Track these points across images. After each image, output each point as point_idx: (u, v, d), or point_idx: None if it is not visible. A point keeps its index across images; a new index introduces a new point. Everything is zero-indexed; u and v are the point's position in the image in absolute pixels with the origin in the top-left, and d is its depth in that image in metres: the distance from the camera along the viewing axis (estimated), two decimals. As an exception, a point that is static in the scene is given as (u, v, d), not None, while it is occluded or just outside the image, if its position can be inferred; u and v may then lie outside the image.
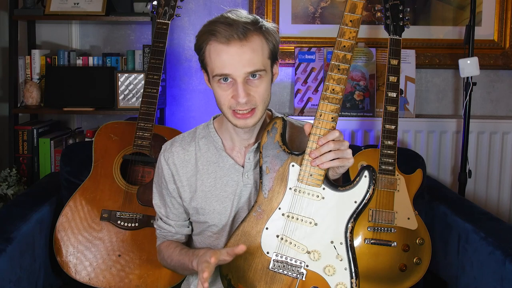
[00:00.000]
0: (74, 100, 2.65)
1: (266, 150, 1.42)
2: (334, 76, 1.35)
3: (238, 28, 1.34)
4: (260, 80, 1.39)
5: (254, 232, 1.41)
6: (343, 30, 1.34)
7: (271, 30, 1.42)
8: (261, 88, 1.40)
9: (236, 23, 1.35)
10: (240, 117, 1.40)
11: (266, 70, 1.40)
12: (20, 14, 2.67)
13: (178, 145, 1.56)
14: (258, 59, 1.37)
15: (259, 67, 1.38)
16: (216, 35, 1.35)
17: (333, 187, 1.35)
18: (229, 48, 1.35)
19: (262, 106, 1.42)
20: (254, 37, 1.37)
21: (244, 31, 1.35)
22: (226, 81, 1.39)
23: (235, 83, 1.38)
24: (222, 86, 1.40)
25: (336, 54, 1.34)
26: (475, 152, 2.74)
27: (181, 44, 2.87)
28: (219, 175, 1.52)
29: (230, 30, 1.34)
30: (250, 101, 1.39)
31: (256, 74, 1.38)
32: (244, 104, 1.38)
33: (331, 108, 1.34)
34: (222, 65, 1.37)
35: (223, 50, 1.36)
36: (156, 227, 1.66)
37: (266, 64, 1.40)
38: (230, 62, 1.36)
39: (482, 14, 2.81)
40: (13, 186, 2.55)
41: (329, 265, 1.35)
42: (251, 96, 1.39)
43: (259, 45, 1.38)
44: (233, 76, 1.37)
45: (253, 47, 1.36)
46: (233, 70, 1.36)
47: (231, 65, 1.36)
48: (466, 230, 1.97)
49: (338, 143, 1.32)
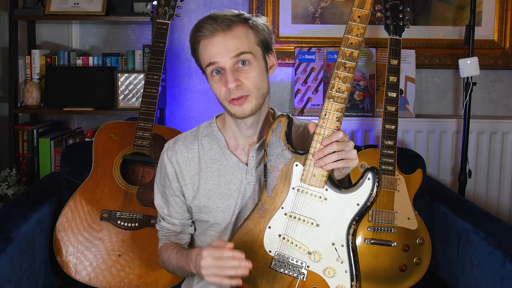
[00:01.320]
0: (74, 100, 2.65)
1: (271, 149, 1.41)
2: (340, 75, 1.32)
3: (222, 21, 1.41)
4: (250, 66, 1.42)
5: (257, 230, 1.40)
6: (351, 26, 1.32)
7: (259, 23, 1.47)
8: (252, 75, 1.42)
9: (220, 17, 1.42)
10: (235, 103, 1.42)
11: (254, 55, 1.42)
12: (20, 14, 2.67)
13: (181, 144, 1.56)
14: (243, 44, 1.41)
15: (244, 49, 1.41)
16: (202, 31, 1.41)
17: (336, 188, 1.34)
18: (213, 40, 1.41)
19: (257, 92, 1.43)
20: (238, 27, 1.42)
21: (227, 22, 1.41)
22: (218, 74, 1.43)
23: (224, 72, 1.41)
24: (215, 78, 1.43)
25: (343, 51, 1.33)
26: (475, 152, 2.74)
27: (181, 44, 2.87)
28: (222, 173, 1.52)
29: (214, 23, 1.40)
30: (242, 87, 1.41)
31: (245, 61, 1.41)
32: (235, 91, 1.40)
33: (336, 108, 1.32)
34: (210, 56, 1.42)
35: (209, 43, 1.41)
36: (159, 228, 1.65)
37: (254, 49, 1.43)
38: (216, 51, 1.41)
39: (482, 14, 2.81)
40: (13, 186, 2.55)
41: (330, 267, 1.34)
42: (242, 83, 1.40)
43: (243, 33, 1.43)
44: (220, 65, 1.41)
45: (236, 34, 1.41)
46: (219, 57, 1.40)
47: (217, 53, 1.41)
48: (466, 230, 1.97)
49: (342, 144, 1.31)
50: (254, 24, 1.45)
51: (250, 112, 1.43)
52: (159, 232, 1.65)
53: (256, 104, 1.43)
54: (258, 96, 1.43)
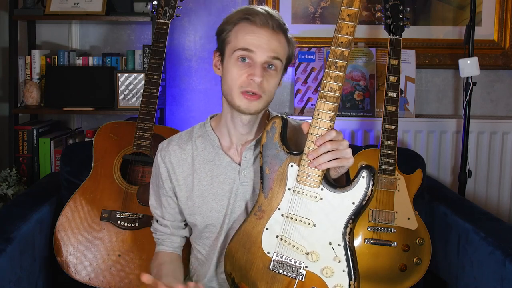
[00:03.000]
0: (74, 100, 2.65)
1: (266, 150, 1.41)
2: (331, 74, 1.33)
3: (275, 21, 1.43)
4: (274, 72, 1.45)
5: (255, 232, 1.41)
6: (340, 25, 1.33)
7: (291, 40, 1.50)
8: (272, 81, 1.44)
9: (274, 16, 1.44)
10: (247, 98, 1.42)
11: (282, 64, 1.46)
12: (20, 14, 2.67)
13: (175, 144, 1.57)
14: (281, 51, 1.44)
15: (280, 56, 1.43)
16: (254, 16, 1.42)
17: (331, 187, 1.34)
18: (260, 30, 1.42)
19: (267, 98, 1.45)
20: (283, 34, 1.45)
21: (279, 25, 1.43)
22: (244, 61, 1.42)
23: (252, 64, 1.42)
24: (239, 65, 1.43)
25: (334, 50, 1.33)
26: (475, 152, 2.74)
27: (181, 44, 2.87)
28: (215, 173, 1.52)
29: (268, 19, 1.42)
30: (261, 86, 1.42)
31: (272, 66, 1.43)
32: (257, 86, 1.41)
33: (329, 107, 1.33)
34: (248, 42, 1.42)
35: (255, 31, 1.42)
36: (153, 230, 1.66)
37: (283, 60, 1.47)
38: (258, 42, 1.41)
39: (482, 14, 2.81)
40: (13, 186, 2.55)
41: (327, 266, 1.34)
42: (263, 82, 1.42)
43: (284, 42, 1.46)
44: (254, 56, 1.41)
45: (280, 40, 1.44)
46: (259, 49, 1.41)
47: (259, 45, 1.41)
48: (466, 230, 1.97)
49: (336, 143, 1.31)
50: (290, 39, 1.49)
51: (254, 111, 1.44)
52: (153, 234, 1.67)
53: (262, 107, 1.46)
54: (267, 101, 1.46)
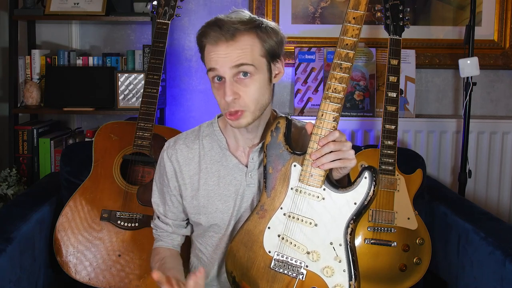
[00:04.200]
0: (74, 100, 2.65)
1: (270, 150, 1.42)
2: (336, 75, 1.34)
3: (228, 30, 1.36)
4: (251, 79, 1.39)
5: (257, 231, 1.41)
6: (346, 27, 1.33)
7: (270, 29, 1.42)
8: (251, 88, 1.39)
9: (226, 25, 1.37)
10: (230, 118, 1.40)
11: (256, 67, 1.39)
12: (20, 14, 2.67)
13: (182, 143, 1.56)
14: (245, 56, 1.37)
15: (246, 61, 1.37)
16: (207, 37, 1.39)
17: (333, 188, 1.35)
18: (216, 47, 1.38)
19: (254, 107, 1.40)
20: (244, 36, 1.38)
21: (232, 31, 1.36)
22: (219, 80, 1.40)
23: (224, 82, 1.39)
24: (216, 85, 1.42)
25: (339, 52, 1.34)
26: (475, 152, 2.74)
27: (181, 44, 2.87)
28: (222, 174, 1.52)
29: (218, 32, 1.37)
30: (239, 101, 1.38)
31: (247, 73, 1.38)
32: (232, 104, 1.38)
33: (333, 108, 1.34)
34: (212, 61, 1.40)
35: (213, 49, 1.39)
36: (153, 226, 1.66)
37: (257, 61, 1.39)
38: (217, 59, 1.38)
39: (482, 14, 2.81)
40: (13, 186, 2.55)
41: (328, 266, 1.35)
42: (240, 96, 1.38)
43: (248, 44, 1.38)
44: (220, 73, 1.39)
45: (240, 46, 1.37)
46: (219, 66, 1.38)
47: (218, 62, 1.38)
48: (466, 230, 1.97)
49: (339, 144, 1.32)
50: (263, 31, 1.40)
51: (245, 124, 1.42)
52: (153, 230, 1.66)
53: (252, 118, 1.42)
54: (255, 110, 1.41)
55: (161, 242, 1.64)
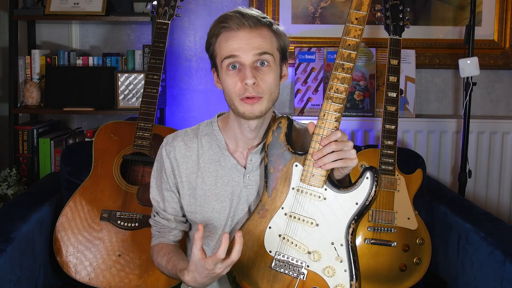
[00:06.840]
0: (74, 100, 2.65)
1: (271, 150, 1.42)
2: (338, 76, 1.34)
3: (250, 18, 1.41)
4: (268, 68, 1.42)
5: (257, 231, 1.41)
6: (348, 28, 1.34)
7: (281, 31, 1.47)
8: (269, 77, 1.41)
9: (247, 15, 1.42)
10: (247, 102, 1.41)
11: (274, 57, 1.43)
12: (20, 14, 2.67)
13: (180, 140, 1.56)
14: (266, 45, 1.41)
15: (267, 50, 1.41)
16: (228, 23, 1.41)
17: (335, 188, 1.35)
18: (238, 33, 1.40)
19: (268, 97, 1.42)
20: (263, 28, 1.43)
21: (254, 21, 1.41)
22: (234, 69, 1.42)
23: (242, 68, 1.40)
24: (230, 73, 1.42)
25: (341, 52, 1.34)
26: (475, 152, 2.75)
27: (181, 44, 2.87)
28: (220, 174, 1.51)
29: (241, 19, 1.40)
30: (257, 87, 1.40)
31: (264, 62, 1.41)
32: (250, 89, 1.39)
33: (335, 108, 1.34)
34: (231, 49, 1.41)
35: (233, 36, 1.41)
36: (152, 223, 1.64)
37: (275, 53, 1.44)
38: (239, 46, 1.40)
39: (482, 14, 2.81)
40: (13, 186, 2.55)
41: (329, 266, 1.35)
42: (258, 83, 1.40)
43: (268, 35, 1.43)
44: (241, 60, 1.40)
45: (262, 34, 1.42)
46: (241, 52, 1.40)
47: (240, 48, 1.40)
48: (466, 230, 1.97)
49: (341, 144, 1.32)
50: (277, 30, 1.46)
51: (259, 113, 1.43)
52: (153, 227, 1.64)
53: (266, 108, 1.43)
54: (269, 100, 1.43)
55: (162, 239, 1.62)
